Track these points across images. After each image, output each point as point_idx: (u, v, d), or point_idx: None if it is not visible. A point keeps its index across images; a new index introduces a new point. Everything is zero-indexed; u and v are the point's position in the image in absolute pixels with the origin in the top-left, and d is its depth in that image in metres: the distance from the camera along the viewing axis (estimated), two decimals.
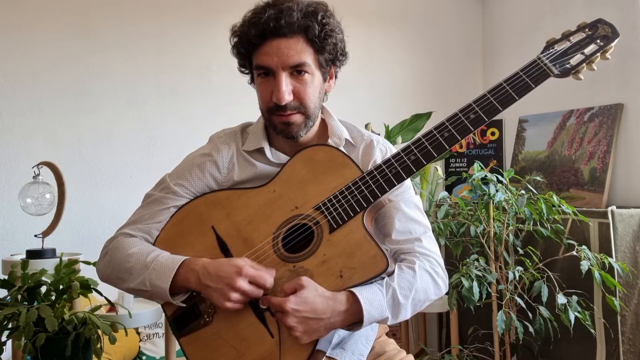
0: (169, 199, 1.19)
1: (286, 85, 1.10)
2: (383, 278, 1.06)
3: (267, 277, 1.04)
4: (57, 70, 2.38)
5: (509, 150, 2.88)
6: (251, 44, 1.12)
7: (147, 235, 1.18)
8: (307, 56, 1.11)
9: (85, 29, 2.43)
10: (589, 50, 1.08)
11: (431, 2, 3.08)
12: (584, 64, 1.08)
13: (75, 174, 2.37)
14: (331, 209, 1.08)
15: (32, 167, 1.93)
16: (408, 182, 1.21)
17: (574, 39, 1.10)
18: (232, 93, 2.61)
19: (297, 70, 1.11)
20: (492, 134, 2.98)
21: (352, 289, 1.03)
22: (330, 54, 1.15)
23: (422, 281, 1.09)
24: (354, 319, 1.03)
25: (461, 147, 3.03)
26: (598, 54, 1.08)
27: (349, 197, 1.07)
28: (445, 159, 3.03)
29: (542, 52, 1.10)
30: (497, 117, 2.96)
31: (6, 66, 2.31)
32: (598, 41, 1.08)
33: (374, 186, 1.07)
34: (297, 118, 1.13)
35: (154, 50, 2.54)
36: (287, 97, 1.10)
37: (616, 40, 1.09)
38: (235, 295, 1.02)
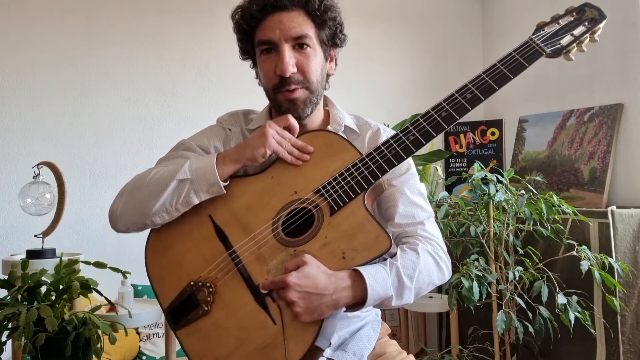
0: (193, 155, 1.19)
1: (289, 57, 1.11)
2: (385, 259, 1.05)
3: (287, 118, 1.12)
4: (57, 70, 2.38)
5: (509, 150, 2.88)
6: (253, 19, 1.14)
7: None
8: (309, 29, 1.13)
9: (85, 29, 2.43)
10: (578, 31, 1.12)
11: (431, 2, 3.08)
12: (574, 44, 1.12)
13: (75, 174, 2.37)
14: (331, 191, 1.07)
15: (32, 167, 1.93)
16: (413, 169, 1.22)
17: (563, 21, 1.14)
18: (232, 92, 2.61)
19: (299, 44, 1.13)
20: (492, 134, 2.98)
21: (356, 267, 1.01)
22: (330, 29, 1.17)
23: (426, 263, 1.08)
24: (357, 296, 1.00)
25: (461, 147, 3.03)
26: (587, 35, 1.12)
27: (349, 178, 1.07)
28: (445, 159, 3.03)
29: (533, 34, 1.13)
30: (497, 117, 2.98)
31: (6, 66, 2.31)
32: (586, 23, 1.13)
33: (373, 167, 1.07)
34: (301, 93, 1.14)
35: (154, 50, 2.54)
36: (291, 68, 1.11)
37: (604, 22, 1.12)
38: (271, 132, 1.09)
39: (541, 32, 1.12)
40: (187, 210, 1.11)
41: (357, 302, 1.02)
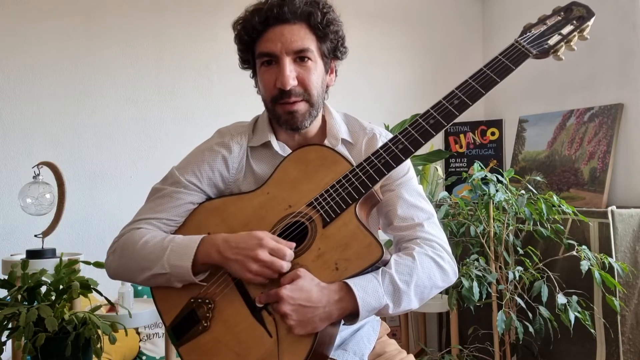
0: (181, 194, 1.17)
1: (290, 71, 1.11)
2: (378, 267, 1.04)
3: (287, 249, 1.03)
4: (57, 70, 2.38)
5: (509, 150, 2.88)
6: (255, 30, 1.13)
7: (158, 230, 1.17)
8: (310, 43, 1.13)
9: (85, 29, 2.43)
10: (566, 30, 1.12)
11: (431, 2, 3.08)
12: (563, 43, 1.11)
13: (75, 174, 2.37)
14: (323, 203, 1.07)
15: (32, 167, 1.93)
16: (412, 172, 1.22)
17: (550, 21, 1.14)
18: (232, 92, 2.61)
19: (300, 57, 1.12)
20: (492, 134, 2.98)
21: (346, 280, 1.02)
22: (332, 43, 1.17)
23: (424, 266, 1.07)
24: (349, 309, 1.01)
25: (461, 147, 3.03)
26: (575, 33, 1.11)
27: (340, 190, 1.07)
28: (445, 159, 3.03)
29: (519, 36, 1.13)
30: (497, 117, 2.98)
31: (6, 66, 2.31)
32: (574, 22, 1.12)
33: (364, 177, 1.07)
34: (301, 106, 1.14)
35: (154, 50, 2.54)
36: (292, 81, 1.11)
37: (592, 19, 1.11)
38: (255, 267, 1.02)
39: (527, 33, 1.13)
40: (186, 230, 1.15)
41: (351, 314, 1.02)
